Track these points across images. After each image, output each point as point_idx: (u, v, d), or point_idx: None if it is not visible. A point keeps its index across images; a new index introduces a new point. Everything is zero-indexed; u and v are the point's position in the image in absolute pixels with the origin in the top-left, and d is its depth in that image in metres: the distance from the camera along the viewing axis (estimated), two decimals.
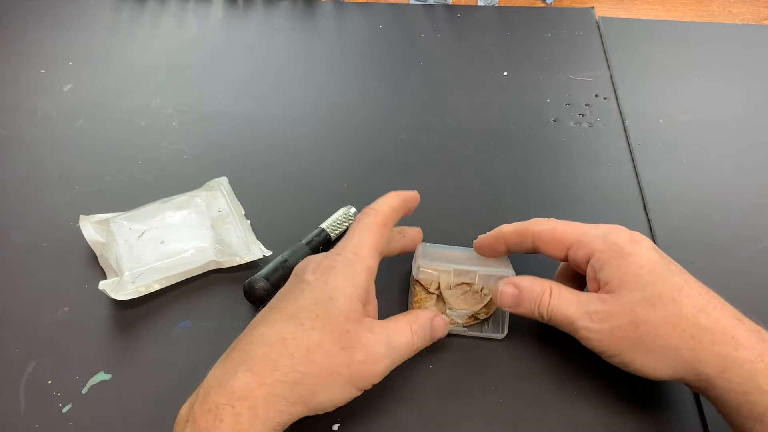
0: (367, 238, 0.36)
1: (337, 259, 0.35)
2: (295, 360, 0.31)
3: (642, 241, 0.35)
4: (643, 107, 0.58)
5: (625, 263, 0.34)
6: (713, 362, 0.31)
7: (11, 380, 0.39)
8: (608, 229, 0.36)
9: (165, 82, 0.61)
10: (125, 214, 0.47)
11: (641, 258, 0.34)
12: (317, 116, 0.58)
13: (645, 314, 0.33)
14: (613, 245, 0.35)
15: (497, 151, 0.55)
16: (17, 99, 0.60)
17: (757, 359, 0.31)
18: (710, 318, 0.32)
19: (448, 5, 0.71)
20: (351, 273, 0.34)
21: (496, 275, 0.40)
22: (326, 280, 0.34)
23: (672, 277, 0.34)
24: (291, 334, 0.32)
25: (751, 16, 0.71)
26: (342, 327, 0.32)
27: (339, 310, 0.33)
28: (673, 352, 0.32)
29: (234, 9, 0.70)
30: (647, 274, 0.33)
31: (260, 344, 0.32)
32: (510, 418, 0.38)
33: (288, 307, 0.33)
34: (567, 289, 0.36)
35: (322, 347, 0.32)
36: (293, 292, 0.34)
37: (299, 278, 0.35)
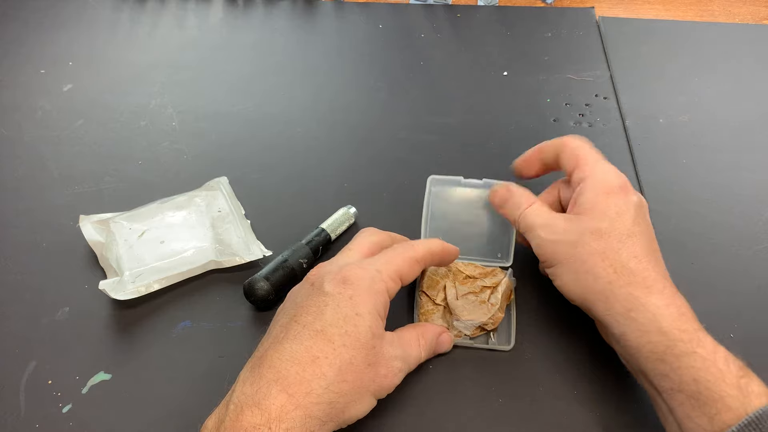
0: (396, 262, 0.36)
1: (359, 273, 0.34)
2: (328, 380, 0.31)
3: (634, 195, 0.37)
4: (643, 107, 0.58)
5: (605, 198, 0.37)
6: (623, 300, 0.34)
7: (11, 380, 0.39)
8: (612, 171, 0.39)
9: (165, 82, 0.61)
10: (125, 214, 0.47)
11: (622, 202, 0.37)
12: (317, 116, 0.58)
13: (588, 240, 0.36)
14: (605, 181, 0.38)
15: (497, 151, 0.55)
16: (17, 99, 0.60)
17: (663, 305, 0.33)
18: (640, 265, 0.35)
19: (448, 5, 0.71)
20: (374, 290, 0.34)
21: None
22: (350, 295, 0.33)
23: (634, 227, 0.36)
24: (322, 353, 0.32)
25: (751, 15, 0.71)
26: (369, 344, 0.33)
27: (366, 326, 0.33)
28: (593, 279, 0.35)
29: (234, 9, 0.70)
30: (614, 213, 0.36)
31: (291, 362, 0.31)
32: (510, 418, 0.38)
33: (314, 322, 0.33)
34: (546, 208, 0.40)
35: (352, 365, 0.32)
36: (316, 305, 0.33)
37: (318, 289, 0.34)
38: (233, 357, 0.41)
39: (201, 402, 0.38)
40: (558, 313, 0.42)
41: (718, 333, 0.34)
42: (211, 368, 0.40)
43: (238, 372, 0.35)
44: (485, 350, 0.41)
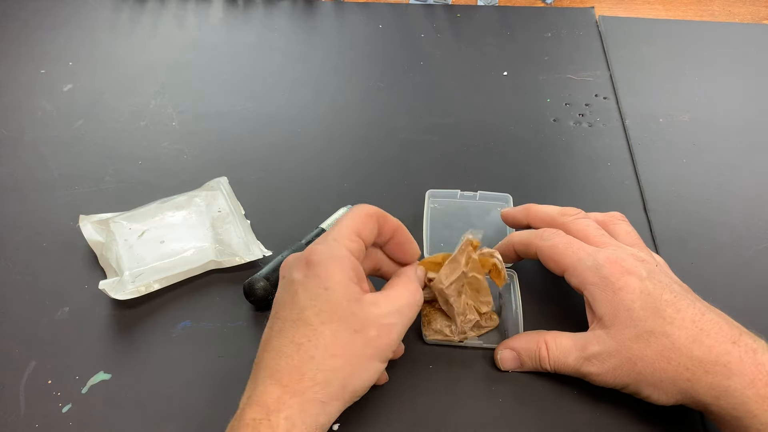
0: (348, 224, 0.36)
1: (318, 249, 0.34)
2: (317, 361, 0.31)
3: (635, 271, 0.35)
4: (643, 107, 0.58)
5: (617, 299, 0.35)
6: (707, 391, 0.33)
7: (11, 380, 0.39)
8: (603, 258, 0.36)
9: (165, 82, 0.61)
10: (125, 214, 0.47)
11: (632, 292, 0.35)
12: (317, 116, 0.58)
13: (640, 351, 0.34)
14: (605, 279, 0.35)
15: (497, 151, 0.55)
16: (17, 99, 0.60)
17: (747, 386, 0.32)
18: (703, 347, 0.33)
19: (448, 5, 0.71)
20: (336, 259, 0.34)
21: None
22: (316, 273, 0.33)
23: (664, 309, 0.34)
24: (304, 337, 0.32)
25: (751, 15, 0.71)
26: (347, 312, 0.33)
27: (338, 297, 0.33)
28: (671, 383, 0.34)
29: (234, 9, 0.70)
30: (639, 309, 0.34)
31: (279, 355, 0.32)
32: (510, 418, 0.38)
33: (291, 313, 0.33)
34: (561, 335, 0.38)
35: (336, 338, 0.32)
36: (290, 295, 0.34)
37: (288, 280, 0.35)
38: (233, 357, 0.41)
39: (201, 402, 0.39)
40: (559, 313, 0.42)
41: None
42: (211, 368, 0.40)
43: (238, 372, 0.35)
44: (486, 349, 0.41)
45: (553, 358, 0.37)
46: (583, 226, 0.39)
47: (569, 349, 0.37)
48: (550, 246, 0.38)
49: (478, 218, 0.47)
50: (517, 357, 0.39)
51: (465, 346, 0.41)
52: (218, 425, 0.33)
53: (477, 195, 0.48)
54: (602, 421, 0.37)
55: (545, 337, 0.38)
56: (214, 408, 0.38)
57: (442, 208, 0.48)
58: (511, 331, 0.41)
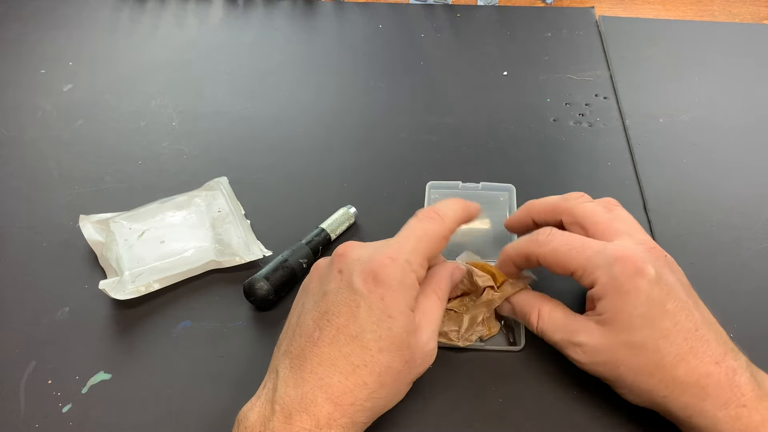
0: (424, 247, 0.35)
1: (389, 270, 0.33)
2: (369, 389, 0.32)
3: (646, 271, 0.34)
4: (643, 107, 0.58)
5: (621, 301, 0.34)
6: (680, 410, 0.33)
7: (11, 380, 0.39)
8: (614, 255, 0.35)
9: (165, 82, 0.61)
10: (125, 214, 0.47)
11: (638, 297, 0.34)
12: (317, 116, 0.58)
13: (626, 358, 0.34)
14: (615, 280, 0.34)
15: (497, 151, 0.55)
16: (17, 99, 0.60)
17: (720, 407, 0.32)
18: (688, 367, 0.33)
19: (448, 5, 0.71)
20: (404, 286, 0.33)
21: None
22: (382, 295, 0.32)
23: (662, 320, 0.33)
24: (361, 361, 0.32)
25: (751, 15, 0.71)
26: (404, 344, 0.33)
27: (400, 328, 0.32)
28: (647, 394, 0.34)
29: (234, 9, 0.70)
30: (638, 317, 0.34)
31: (333, 370, 0.32)
32: (510, 418, 0.38)
33: (348, 326, 0.32)
34: (557, 309, 0.37)
35: (390, 369, 0.32)
36: (347, 305, 0.33)
37: (347, 284, 0.33)
38: (233, 357, 0.41)
39: (201, 402, 0.38)
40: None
41: None
42: (211, 368, 0.40)
43: (238, 372, 0.35)
44: (487, 351, 0.41)
45: (541, 328, 0.37)
46: (590, 210, 0.38)
47: (558, 327, 0.37)
48: (552, 251, 0.36)
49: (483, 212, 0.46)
50: (512, 309, 0.40)
51: (467, 348, 0.41)
52: (218, 425, 0.33)
53: (480, 185, 0.47)
54: (602, 421, 0.37)
55: (541, 305, 0.38)
56: (214, 408, 0.38)
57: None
58: (514, 330, 0.41)
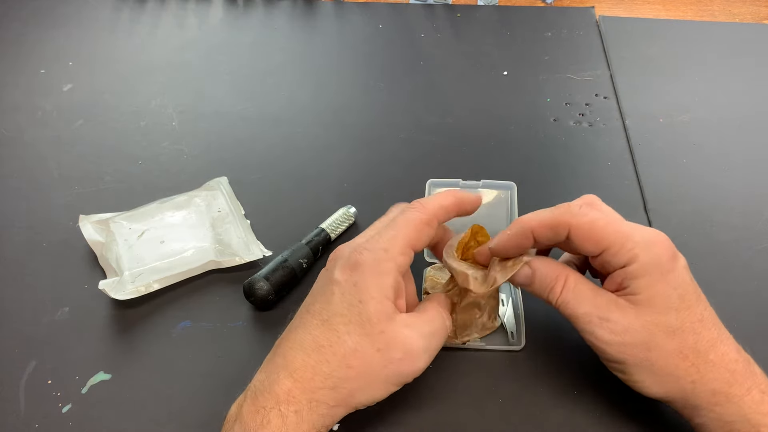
0: (403, 234, 0.35)
1: (365, 255, 0.34)
2: (331, 366, 0.32)
3: (680, 257, 0.34)
4: (643, 107, 0.58)
5: (662, 281, 0.33)
6: (708, 396, 0.32)
7: (11, 380, 0.39)
8: (652, 236, 0.34)
9: (165, 82, 0.61)
10: (125, 214, 0.47)
11: (677, 278, 0.33)
12: (317, 116, 0.58)
13: (662, 340, 0.32)
14: (657, 258, 0.33)
15: (497, 151, 0.55)
16: (17, 99, 0.60)
17: (745, 393, 0.32)
18: (718, 353, 0.33)
19: (448, 5, 0.71)
20: (378, 272, 0.33)
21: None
22: (355, 281, 0.33)
23: (698, 304, 0.33)
24: (327, 341, 0.33)
25: (751, 15, 0.71)
26: (375, 329, 0.33)
27: (370, 313, 0.33)
28: (674, 379, 0.33)
29: (234, 9, 0.70)
30: (677, 299, 0.33)
31: (298, 350, 0.33)
32: (510, 418, 0.38)
33: (322, 311, 0.33)
34: (583, 281, 0.35)
35: (357, 352, 0.32)
36: (325, 293, 0.34)
37: (330, 275, 0.34)
38: (233, 357, 0.41)
39: (201, 402, 0.38)
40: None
41: None
42: (211, 368, 0.40)
43: (238, 372, 0.35)
44: (487, 351, 0.41)
45: (564, 299, 0.34)
46: (602, 215, 0.35)
47: (586, 299, 0.34)
48: (590, 222, 0.33)
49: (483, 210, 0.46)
50: (530, 275, 0.36)
51: (466, 348, 0.41)
52: (218, 425, 0.33)
53: (480, 183, 0.46)
54: (603, 421, 0.37)
55: (568, 274, 0.35)
56: (214, 408, 0.38)
57: None
58: (517, 330, 0.41)
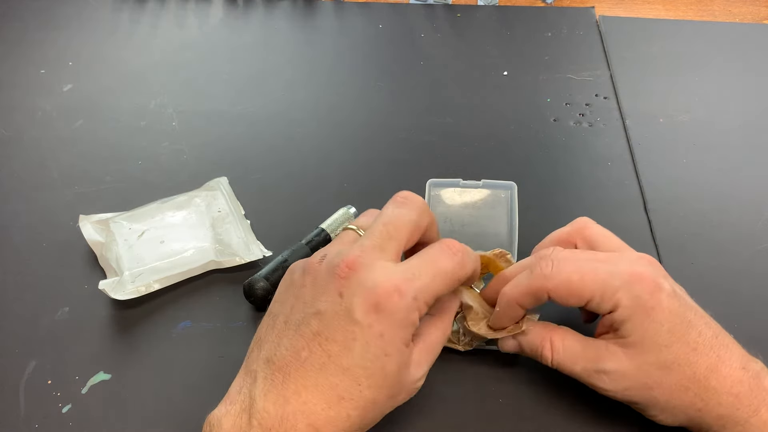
0: (438, 287, 0.32)
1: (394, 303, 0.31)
2: (351, 421, 0.31)
3: (663, 285, 0.33)
4: (643, 107, 0.58)
5: (648, 320, 0.33)
6: (715, 420, 0.33)
7: (11, 380, 0.39)
8: (630, 272, 0.33)
9: (165, 82, 0.61)
10: (125, 214, 0.47)
11: (662, 312, 0.33)
12: (317, 116, 0.58)
13: (660, 378, 0.33)
14: (637, 299, 0.33)
15: (497, 151, 0.55)
16: (17, 99, 0.60)
17: (752, 414, 0.32)
18: (719, 377, 0.32)
19: (448, 5, 0.71)
20: (406, 325, 0.31)
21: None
22: (381, 332, 0.30)
23: (689, 332, 0.33)
24: (348, 394, 0.31)
25: (751, 15, 0.71)
26: (394, 381, 0.32)
27: (394, 367, 0.31)
28: (682, 411, 0.33)
29: (234, 9, 0.70)
30: (666, 333, 0.33)
31: (317, 397, 0.30)
32: (510, 418, 0.38)
33: (341, 356, 0.31)
34: (570, 337, 0.35)
35: (375, 404, 0.31)
36: (343, 334, 0.31)
37: (346, 311, 0.31)
38: (233, 357, 0.41)
39: (201, 402, 0.38)
40: (560, 313, 0.42)
41: None
42: (211, 368, 0.40)
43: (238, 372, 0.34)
44: (488, 350, 0.41)
45: (557, 360, 0.35)
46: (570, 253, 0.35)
47: (577, 356, 0.35)
48: (564, 281, 0.34)
49: (484, 210, 0.46)
50: (517, 346, 0.37)
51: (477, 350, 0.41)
52: None
53: (481, 182, 0.46)
54: (603, 421, 0.37)
55: (552, 335, 0.36)
56: (214, 408, 0.38)
57: (445, 200, 0.47)
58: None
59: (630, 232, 0.48)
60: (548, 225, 0.48)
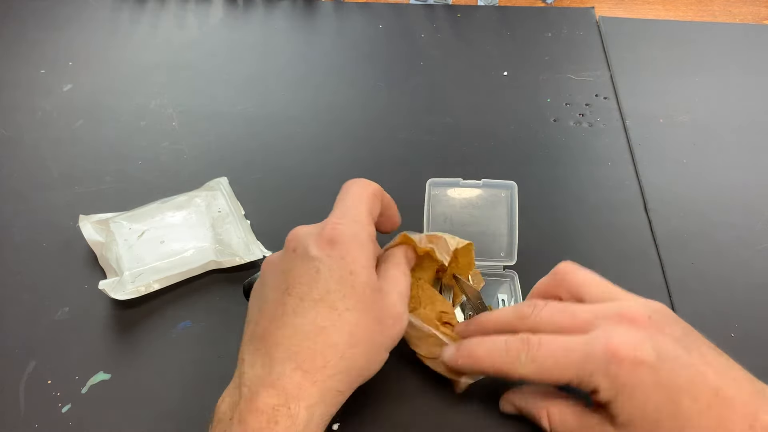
0: (364, 206, 0.35)
1: (340, 229, 0.33)
2: (340, 348, 0.30)
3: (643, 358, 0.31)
4: (643, 107, 0.58)
5: (631, 401, 0.31)
6: None
7: (11, 380, 0.39)
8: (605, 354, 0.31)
9: (165, 82, 0.61)
10: (125, 214, 0.47)
11: (645, 390, 0.31)
12: (317, 116, 0.58)
13: None
14: (615, 380, 0.31)
15: (497, 151, 0.55)
16: (17, 99, 0.60)
17: None
18: None
19: (448, 5, 0.71)
20: (360, 242, 0.33)
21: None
22: (341, 254, 0.32)
23: (681, 401, 0.30)
24: (328, 321, 0.31)
25: (751, 15, 0.71)
26: (369, 299, 0.32)
27: (363, 283, 0.32)
28: None
29: (234, 9, 0.70)
30: (654, 412, 0.31)
31: (300, 337, 0.30)
32: (510, 418, 0.38)
33: (311, 291, 0.31)
34: (566, 410, 0.34)
35: (360, 326, 0.31)
36: (307, 272, 0.32)
37: (303, 254, 0.33)
38: (233, 357, 0.40)
39: (201, 402, 0.38)
40: None
41: (718, 333, 0.34)
42: (211, 368, 0.40)
43: None
44: None
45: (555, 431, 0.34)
46: (548, 316, 0.34)
47: (573, 429, 0.34)
48: (537, 370, 0.32)
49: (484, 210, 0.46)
50: (516, 410, 0.37)
51: None
52: None
53: (481, 182, 0.46)
54: None
55: (549, 408, 0.35)
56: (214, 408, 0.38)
57: (444, 200, 0.47)
58: None
59: (630, 232, 0.48)
60: (548, 225, 0.49)
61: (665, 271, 0.45)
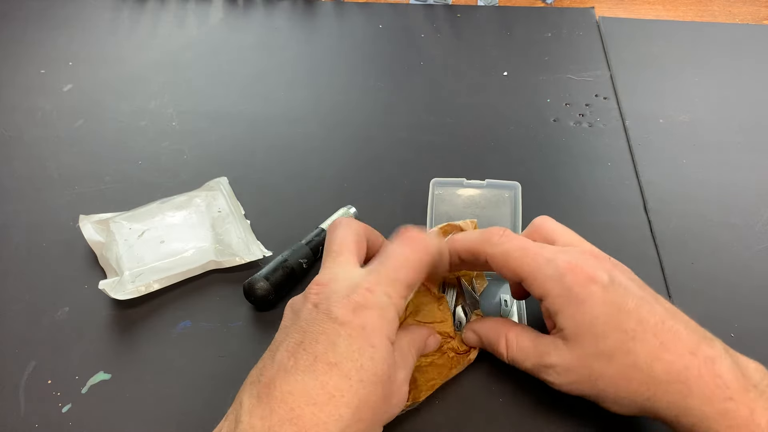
0: (405, 277, 0.33)
1: (369, 299, 0.31)
2: (344, 423, 0.29)
3: (598, 277, 0.33)
4: (643, 107, 0.58)
5: (579, 312, 0.33)
6: (667, 410, 0.32)
7: (11, 380, 0.39)
8: (565, 265, 0.34)
9: (165, 82, 0.61)
10: (125, 214, 0.47)
11: (595, 305, 0.33)
12: (317, 116, 0.58)
13: (601, 368, 0.33)
14: (568, 291, 0.33)
15: (497, 152, 0.55)
16: (17, 99, 0.60)
17: (705, 403, 0.31)
18: (664, 364, 0.32)
19: (448, 5, 0.71)
20: (386, 317, 0.32)
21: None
22: (363, 324, 0.31)
23: (626, 322, 0.32)
24: (338, 391, 0.29)
25: (751, 16, 0.71)
26: (385, 376, 0.31)
27: (382, 359, 0.31)
28: (631, 400, 0.33)
29: (234, 9, 0.70)
30: (601, 325, 0.33)
31: (305, 400, 0.29)
32: (510, 418, 0.38)
33: (326, 353, 0.30)
34: (522, 333, 0.36)
35: (368, 403, 0.30)
36: (326, 333, 0.30)
37: (325, 314, 0.31)
38: (233, 357, 0.41)
39: (201, 402, 0.39)
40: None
41: (718, 333, 0.33)
42: (211, 368, 0.40)
43: (238, 372, 0.34)
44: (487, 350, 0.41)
45: (511, 356, 0.36)
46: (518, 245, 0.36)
47: (528, 353, 0.36)
48: (503, 253, 0.35)
49: (487, 210, 0.46)
50: (478, 340, 0.38)
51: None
52: None
53: (485, 182, 0.46)
54: (603, 421, 0.37)
55: (507, 332, 0.37)
56: (214, 408, 0.38)
57: (448, 199, 0.47)
58: None
59: (630, 232, 0.48)
60: None
61: (665, 271, 0.45)
